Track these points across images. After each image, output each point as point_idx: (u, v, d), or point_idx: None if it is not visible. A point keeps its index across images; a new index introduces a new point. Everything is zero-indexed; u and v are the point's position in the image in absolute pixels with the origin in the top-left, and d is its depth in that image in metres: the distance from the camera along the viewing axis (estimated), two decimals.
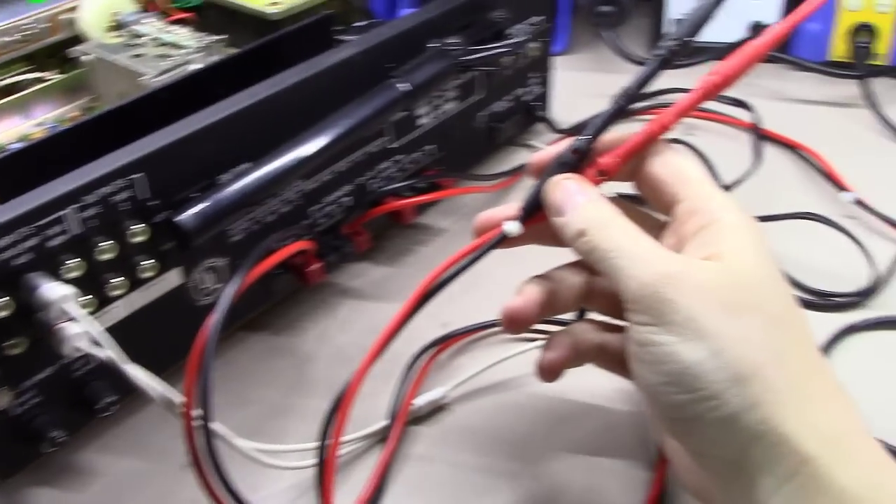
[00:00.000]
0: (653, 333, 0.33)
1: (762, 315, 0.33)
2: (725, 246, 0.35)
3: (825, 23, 0.73)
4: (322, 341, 0.52)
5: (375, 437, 0.46)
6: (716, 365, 0.32)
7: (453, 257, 0.39)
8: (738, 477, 0.33)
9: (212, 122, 0.45)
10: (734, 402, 0.32)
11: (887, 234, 0.58)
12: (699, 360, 0.32)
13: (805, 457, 0.31)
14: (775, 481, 0.32)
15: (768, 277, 0.35)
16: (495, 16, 0.58)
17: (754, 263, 0.35)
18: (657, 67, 0.39)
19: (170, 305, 0.46)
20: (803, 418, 0.32)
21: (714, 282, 0.34)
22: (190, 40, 0.63)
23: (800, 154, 0.66)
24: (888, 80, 0.74)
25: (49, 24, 0.66)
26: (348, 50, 0.52)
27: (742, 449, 0.32)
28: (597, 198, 0.37)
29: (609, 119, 0.39)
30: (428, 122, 0.58)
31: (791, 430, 0.32)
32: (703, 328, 0.33)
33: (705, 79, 0.38)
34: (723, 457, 0.33)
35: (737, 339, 0.32)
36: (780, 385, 0.32)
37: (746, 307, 0.33)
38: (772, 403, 0.32)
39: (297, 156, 0.47)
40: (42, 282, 0.39)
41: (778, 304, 0.34)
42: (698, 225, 0.36)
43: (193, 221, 0.43)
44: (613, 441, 0.46)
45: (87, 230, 0.41)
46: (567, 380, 0.42)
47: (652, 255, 0.35)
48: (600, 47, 0.79)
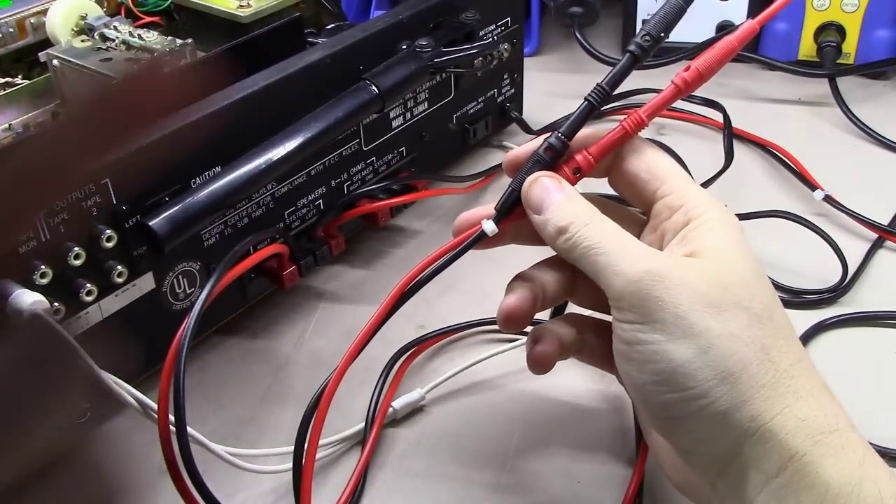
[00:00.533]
0: (640, 332, 0.33)
1: (747, 312, 0.33)
2: (707, 243, 0.35)
3: (793, 22, 0.74)
4: (298, 344, 0.52)
5: (353, 440, 0.46)
6: (704, 363, 0.32)
7: (430, 257, 0.38)
8: (727, 473, 0.33)
9: (182, 125, 0.45)
10: (723, 399, 0.32)
11: (857, 230, 0.59)
12: (687, 358, 0.32)
13: (793, 452, 0.31)
14: (763, 477, 0.32)
15: (751, 274, 0.35)
16: (466, 17, 0.58)
17: (737, 260, 0.35)
18: (630, 64, 0.39)
19: (143, 310, 0.46)
20: (791, 413, 0.32)
21: (699, 279, 0.34)
22: (159, 44, 0.62)
23: (770, 152, 0.67)
24: (856, 79, 0.74)
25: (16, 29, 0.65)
26: (320, 52, 0.51)
27: (732, 446, 0.32)
28: (575, 195, 0.37)
29: (583, 116, 0.39)
30: (401, 123, 0.58)
31: (779, 425, 0.32)
32: (690, 326, 0.33)
33: (680, 75, 0.38)
34: (712, 454, 0.33)
35: (723, 337, 0.32)
36: (768, 381, 0.32)
37: (731, 304, 0.33)
38: (761, 400, 0.32)
39: (270, 158, 0.46)
40: (13, 288, 0.39)
41: (761, 301, 0.34)
42: (678, 221, 0.36)
43: (165, 226, 0.42)
44: (591, 439, 0.46)
45: (57, 236, 0.41)
46: (543, 379, 0.42)
47: (636, 252, 0.35)
48: (571, 48, 0.80)
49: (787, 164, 0.65)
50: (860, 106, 0.70)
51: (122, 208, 0.43)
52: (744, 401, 0.32)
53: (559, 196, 0.37)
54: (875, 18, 0.72)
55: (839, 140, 0.69)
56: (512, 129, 0.69)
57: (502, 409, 0.48)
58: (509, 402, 0.48)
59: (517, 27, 0.65)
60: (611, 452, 0.45)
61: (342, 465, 0.45)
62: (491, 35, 0.61)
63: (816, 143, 0.68)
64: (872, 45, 0.73)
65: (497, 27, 0.63)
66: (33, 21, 0.66)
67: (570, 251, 0.36)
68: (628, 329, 0.34)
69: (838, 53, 0.73)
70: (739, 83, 0.75)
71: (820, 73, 0.72)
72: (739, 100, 0.72)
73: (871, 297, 0.54)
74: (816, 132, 0.70)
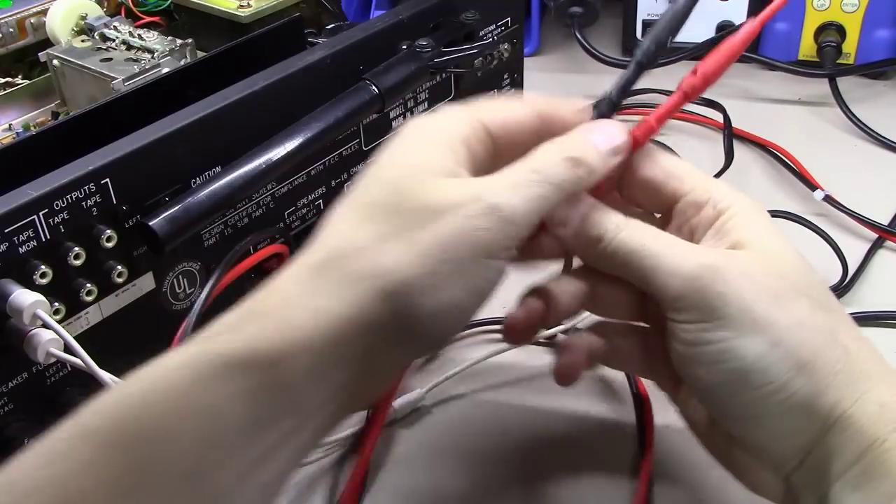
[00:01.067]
0: (704, 331, 0.32)
1: (808, 299, 0.33)
2: (748, 233, 0.34)
3: (793, 22, 0.74)
4: None
5: (353, 440, 0.46)
6: (778, 356, 0.31)
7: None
8: (806, 465, 0.32)
9: (182, 125, 0.45)
10: (803, 391, 0.31)
11: (857, 230, 0.59)
12: (760, 353, 0.32)
13: (872, 439, 0.31)
14: (842, 465, 0.31)
15: (801, 260, 0.34)
16: (466, 17, 0.58)
17: (785, 248, 0.34)
18: (636, 73, 0.38)
19: (144, 310, 0.46)
20: (870, 399, 0.31)
21: (756, 270, 0.33)
22: (159, 44, 0.62)
23: (770, 152, 0.67)
24: (856, 79, 0.74)
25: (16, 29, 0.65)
26: (320, 52, 0.51)
27: (814, 437, 0.32)
28: (598, 204, 0.36)
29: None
30: (401, 123, 0.58)
31: (860, 412, 0.31)
32: (756, 319, 0.32)
33: (687, 80, 0.37)
34: (795, 446, 0.32)
35: (791, 327, 0.32)
36: (842, 367, 0.32)
37: (792, 293, 0.33)
38: (839, 386, 0.31)
39: (270, 158, 0.46)
40: (13, 289, 0.39)
41: (817, 287, 0.34)
42: (709, 215, 0.35)
43: (165, 226, 0.42)
44: (593, 437, 0.46)
45: (58, 236, 0.41)
46: (544, 379, 0.42)
47: (684, 250, 0.34)
48: (571, 48, 0.80)
49: (787, 164, 0.65)
50: (860, 106, 0.70)
51: (122, 208, 0.43)
52: (822, 389, 0.31)
53: (584, 207, 0.35)
54: (875, 18, 0.72)
55: (839, 140, 0.69)
56: None
57: (503, 409, 0.48)
58: (510, 401, 0.48)
59: (517, 27, 0.65)
60: (613, 451, 0.45)
61: (343, 464, 0.45)
62: (491, 35, 0.61)
63: (816, 143, 0.68)
64: (872, 45, 0.73)
65: (497, 27, 0.63)
66: (33, 21, 0.66)
67: (610, 259, 0.34)
68: (692, 329, 0.33)
69: (838, 53, 0.73)
70: (739, 83, 0.75)
71: (820, 73, 0.72)
72: (739, 100, 0.72)
73: (871, 297, 0.54)
74: (816, 132, 0.70)
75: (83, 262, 0.41)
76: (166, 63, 0.61)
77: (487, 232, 0.31)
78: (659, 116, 0.37)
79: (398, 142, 0.35)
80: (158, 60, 0.61)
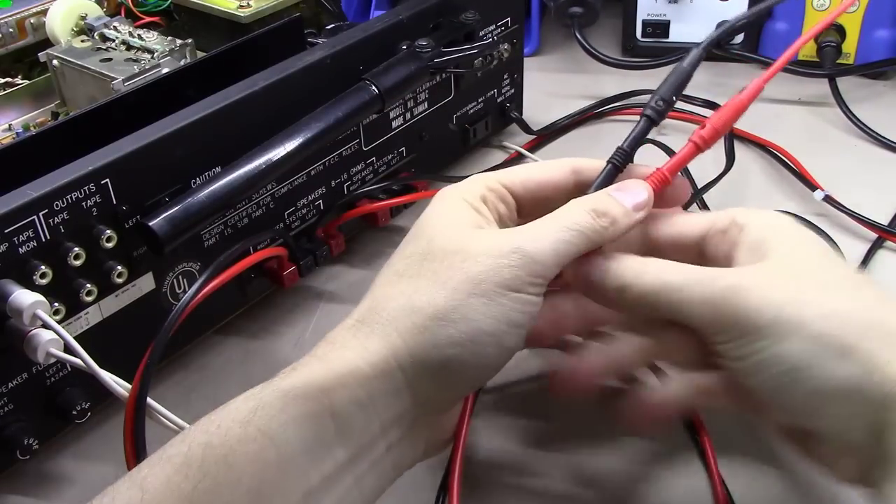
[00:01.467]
0: (747, 345, 0.34)
1: (835, 287, 0.35)
2: (772, 241, 0.36)
3: (793, 22, 0.74)
4: (298, 345, 0.52)
5: None
6: (819, 349, 0.33)
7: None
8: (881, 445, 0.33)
9: (182, 125, 0.45)
10: (854, 372, 0.33)
11: (857, 230, 0.59)
12: (801, 351, 0.33)
13: None
14: None
15: (822, 254, 0.36)
16: (466, 17, 0.58)
17: (805, 245, 0.36)
18: (647, 127, 0.41)
19: (144, 311, 0.46)
20: None
21: (779, 275, 0.35)
22: (159, 44, 0.62)
23: (770, 153, 0.67)
24: (856, 79, 0.74)
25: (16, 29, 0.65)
26: (320, 52, 0.51)
27: (877, 415, 0.33)
28: (612, 254, 0.37)
29: (608, 180, 0.40)
30: (401, 123, 0.58)
31: None
32: (791, 321, 0.33)
33: (698, 133, 0.40)
34: (860, 428, 0.33)
35: (826, 316, 0.33)
36: (887, 342, 0.33)
37: (818, 286, 0.34)
38: (884, 364, 0.32)
39: (270, 159, 0.46)
40: (13, 289, 0.39)
41: (840, 272, 0.35)
42: (734, 234, 0.38)
43: (165, 226, 0.42)
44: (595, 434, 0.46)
45: (57, 236, 0.41)
46: (545, 379, 0.41)
47: (704, 276, 0.35)
48: (571, 48, 0.79)
49: (787, 165, 0.65)
50: (860, 106, 0.70)
51: (122, 208, 0.43)
52: (872, 368, 0.33)
53: (601, 260, 0.37)
54: (875, 18, 0.72)
55: (839, 140, 0.69)
56: (512, 130, 0.69)
57: (502, 409, 0.48)
58: (510, 401, 0.48)
59: (517, 27, 0.65)
60: (615, 450, 0.45)
61: None
62: (491, 35, 0.61)
63: (816, 144, 0.68)
64: (872, 45, 0.73)
65: (497, 27, 0.63)
66: (33, 21, 0.66)
67: (639, 302, 0.36)
68: (733, 347, 0.34)
69: (838, 53, 0.73)
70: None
71: (820, 73, 0.72)
72: None
73: None
74: (816, 132, 0.70)
75: (83, 262, 0.42)
76: (166, 63, 0.61)
77: (512, 269, 0.35)
78: (671, 168, 0.40)
79: (429, 208, 0.40)
80: (158, 60, 0.61)
